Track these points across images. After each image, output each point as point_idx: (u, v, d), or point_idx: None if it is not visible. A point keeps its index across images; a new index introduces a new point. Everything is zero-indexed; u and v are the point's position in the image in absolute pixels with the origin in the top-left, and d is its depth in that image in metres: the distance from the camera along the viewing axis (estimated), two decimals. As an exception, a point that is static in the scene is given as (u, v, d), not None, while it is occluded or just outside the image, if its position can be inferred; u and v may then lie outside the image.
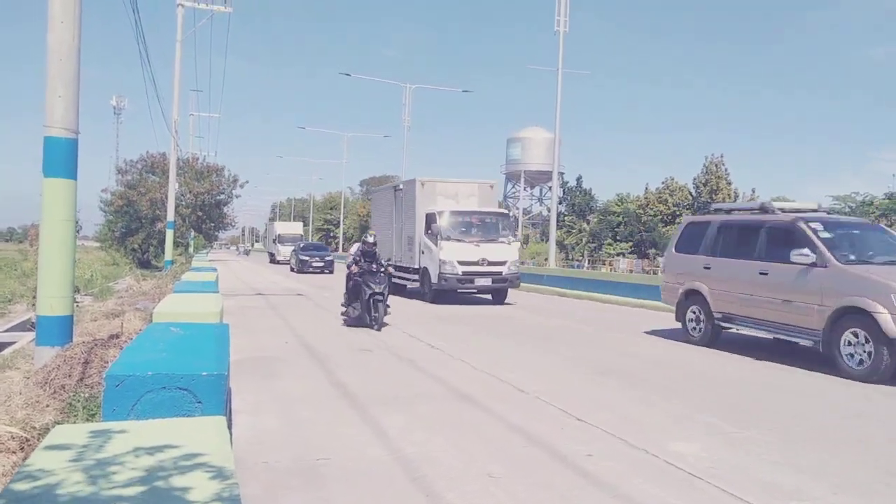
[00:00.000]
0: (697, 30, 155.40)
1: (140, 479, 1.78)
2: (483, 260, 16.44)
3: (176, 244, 32.92)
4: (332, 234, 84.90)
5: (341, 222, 74.31)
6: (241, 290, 20.32)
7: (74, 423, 4.25)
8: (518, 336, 11.43)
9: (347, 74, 44.59)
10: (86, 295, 16.31)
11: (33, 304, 9.19)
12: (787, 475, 4.52)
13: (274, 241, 47.95)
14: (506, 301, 17.55)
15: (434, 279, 16.48)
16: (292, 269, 33.93)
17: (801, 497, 4.15)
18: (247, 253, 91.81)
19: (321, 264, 32.38)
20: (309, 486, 4.13)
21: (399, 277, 18.46)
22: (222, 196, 45.00)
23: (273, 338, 10.42)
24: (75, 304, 7.25)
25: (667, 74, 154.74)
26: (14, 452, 3.76)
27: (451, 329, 12.14)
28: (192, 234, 44.20)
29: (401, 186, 19.65)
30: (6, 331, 11.23)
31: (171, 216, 27.59)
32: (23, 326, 11.48)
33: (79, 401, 4.70)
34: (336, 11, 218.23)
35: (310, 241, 54.02)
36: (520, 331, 12.16)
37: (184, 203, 39.24)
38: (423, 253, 17.12)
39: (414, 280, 17.81)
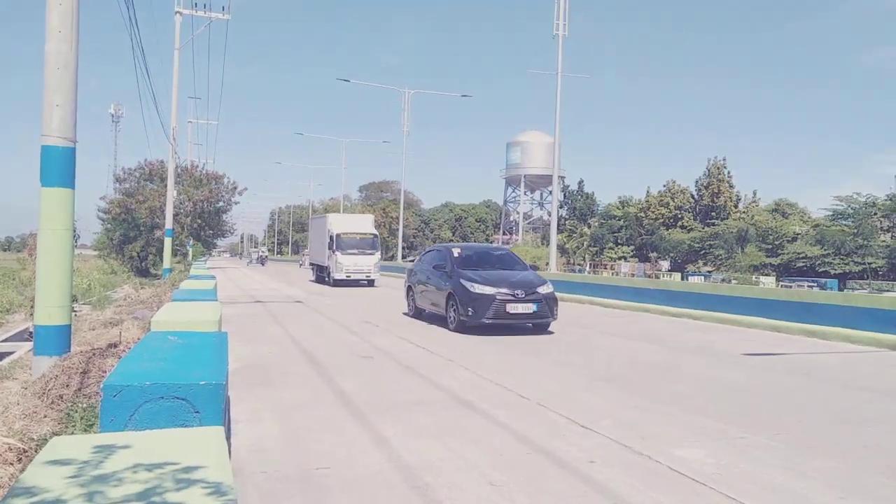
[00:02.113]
0: (698, 31, 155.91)
1: (137, 492, 1.76)
2: None
3: (175, 252, 32.85)
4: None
5: (340, 229, 74.28)
6: (241, 298, 20.29)
7: (72, 433, 4.22)
8: (518, 343, 11.37)
9: (346, 80, 44.73)
10: (84, 304, 16.29)
11: (31, 314, 9.16)
12: (794, 480, 4.48)
13: (329, 246, 28.12)
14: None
15: None
16: (411, 312, 15.29)
17: (809, 502, 4.11)
18: (262, 261, 65.99)
19: (530, 308, 12.30)
20: (308, 496, 4.10)
21: None
22: (221, 203, 45.11)
23: (272, 345, 10.39)
24: (73, 314, 7.22)
25: (668, 77, 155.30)
26: (11, 464, 3.73)
27: (452, 337, 12.09)
28: (191, 241, 44.19)
29: None
30: (4, 341, 11.20)
31: (169, 224, 27.60)
32: (21, 336, 11.45)
33: (77, 411, 4.67)
34: (334, 17, 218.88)
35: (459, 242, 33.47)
36: (521, 337, 12.10)
37: (183, 211, 39.28)
38: None
39: None
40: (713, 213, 60.46)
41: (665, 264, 56.45)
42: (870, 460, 4.97)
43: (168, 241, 27.54)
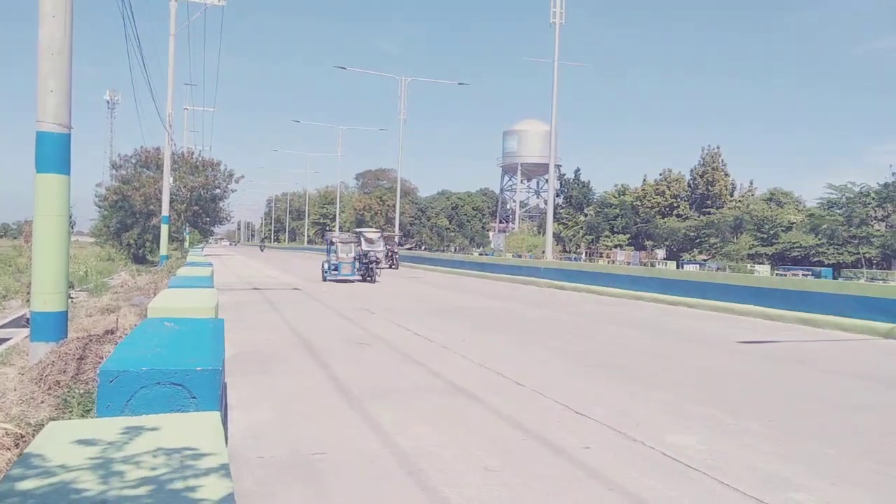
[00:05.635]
0: (696, 19, 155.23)
1: (133, 476, 1.77)
2: None
3: (171, 239, 32.76)
4: (328, 228, 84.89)
5: (338, 216, 74.28)
6: (237, 285, 20.28)
7: (69, 419, 4.23)
8: (516, 330, 11.42)
9: (343, 68, 44.34)
10: (81, 290, 16.26)
11: (28, 301, 9.16)
12: (786, 466, 4.52)
13: None
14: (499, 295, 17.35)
15: None
16: None
17: (800, 488, 4.15)
18: (369, 271, 22.08)
19: None
20: (304, 481, 4.12)
21: None
22: (218, 191, 44.98)
23: (269, 332, 10.40)
24: (70, 300, 7.22)
25: (665, 65, 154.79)
26: (9, 449, 3.75)
27: (446, 323, 12.12)
28: (188, 228, 44.09)
29: None
30: (1, 327, 11.19)
31: (165, 211, 27.54)
32: (17, 323, 11.44)
33: (73, 397, 4.69)
34: (331, 5, 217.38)
35: None
36: (518, 324, 12.16)
37: (179, 198, 39.15)
38: None
39: None
40: (708, 202, 60.55)
41: (661, 253, 56.56)
42: (861, 447, 5.02)
43: (165, 228, 27.49)
